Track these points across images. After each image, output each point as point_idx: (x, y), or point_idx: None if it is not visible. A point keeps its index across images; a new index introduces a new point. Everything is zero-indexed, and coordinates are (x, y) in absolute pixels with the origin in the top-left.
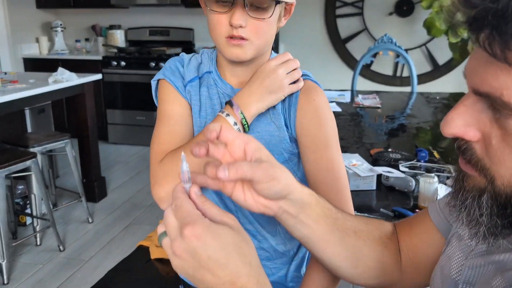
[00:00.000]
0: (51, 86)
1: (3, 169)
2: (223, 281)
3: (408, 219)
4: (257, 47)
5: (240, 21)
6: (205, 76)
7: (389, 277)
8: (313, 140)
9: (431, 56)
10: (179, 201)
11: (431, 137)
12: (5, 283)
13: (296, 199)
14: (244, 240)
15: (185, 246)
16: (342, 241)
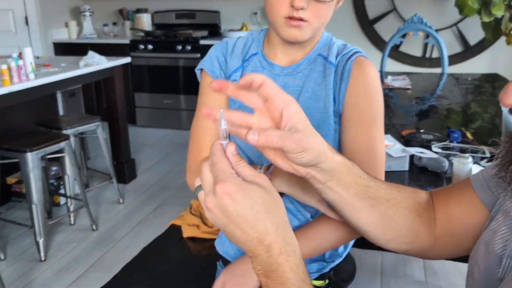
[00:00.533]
0: (82, 70)
1: (39, 151)
2: (251, 237)
3: (446, 188)
4: (315, 29)
5: (303, 3)
6: (251, 58)
7: (421, 244)
8: (359, 114)
9: (462, 37)
10: (215, 158)
11: (463, 118)
12: (42, 260)
13: (326, 167)
14: (274, 200)
15: (216, 202)
16: (372, 208)
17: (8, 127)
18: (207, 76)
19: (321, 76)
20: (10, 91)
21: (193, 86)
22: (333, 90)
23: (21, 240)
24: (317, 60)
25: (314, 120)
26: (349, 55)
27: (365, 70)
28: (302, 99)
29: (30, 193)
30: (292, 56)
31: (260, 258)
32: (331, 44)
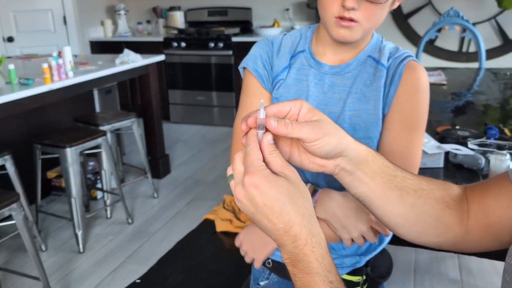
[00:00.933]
0: (119, 67)
1: (77, 146)
2: (277, 227)
3: (483, 182)
4: (366, 30)
5: (354, 4)
6: (298, 56)
7: (451, 237)
8: (403, 118)
9: (501, 30)
10: (249, 149)
11: (501, 114)
12: (81, 251)
13: (353, 155)
14: (300, 192)
15: (244, 193)
16: (400, 199)
17: (48, 123)
18: (250, 75)
19: (371, 78)
20: (50, 88)
21: (225, 83)
22: (383, 92)
23: (61, 232)
24: (367, 62)
25: (362, 121)
26: (401, 58)
27: (416, 75)
28: (350, 100)
29: (69, 187)
30: (341, 56)
31: (287, 248)
32: (382, 46)
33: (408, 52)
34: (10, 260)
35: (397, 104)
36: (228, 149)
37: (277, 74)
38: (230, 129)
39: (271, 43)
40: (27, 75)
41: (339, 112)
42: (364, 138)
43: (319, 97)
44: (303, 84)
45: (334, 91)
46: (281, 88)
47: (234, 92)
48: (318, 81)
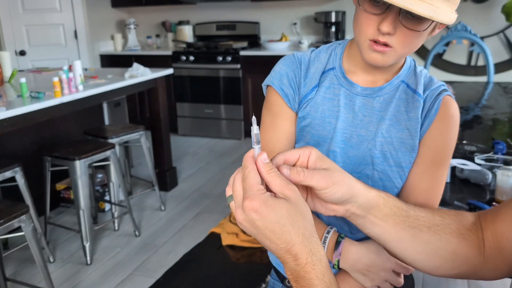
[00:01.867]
0: (128, 81)
1: (86, 159)
2: (279, 247)
3: (494, 208)
4: (400, 56)
5: (390, 29)
6: (327, 73)
7: (471, 267)
8: (432, 154)
9: (509, 44)
10: (247, 172)
11: (510, 129)
12: (88, 263)
13: (362, 201)
14: (299, 212)
15: (245, 217)
16: (414, 237)
17: (58, 136)
18: (275, 93)
19: (404, 105)
20: (61, 102)
21: (233, 96)
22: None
23: (69, 243)
24: (400, 87)
25: (393, 149)
26: (437, 92)
27: (451, 112)
28: (383, 126)
29: (78, 199)
30: (374, 76)
31: (289, 265)
32: (417, 72)
33: (443, 84)
34: (19, 271)
35: (428, 139)
36: (235, 162)
37: (306, 94)
38: (238, 142)
39: (299, 62)
40: (38, 88)
41: (370, 137)
42: (395, 166)
43: (349, 118)
44: (334, 104)
45: (364, 114)
46: (309, 107)
47: (242, 105)
48: (349, 102)
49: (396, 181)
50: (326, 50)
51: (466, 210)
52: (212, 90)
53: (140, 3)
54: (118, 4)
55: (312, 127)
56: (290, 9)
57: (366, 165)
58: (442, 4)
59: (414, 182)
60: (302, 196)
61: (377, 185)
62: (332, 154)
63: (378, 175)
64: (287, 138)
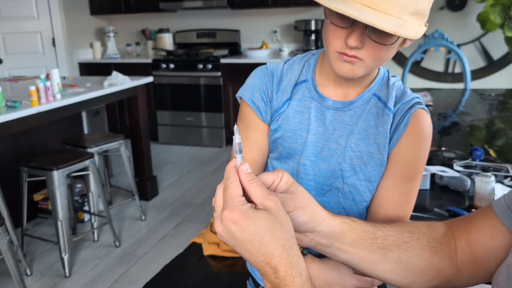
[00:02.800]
0: (107, 89)
1: (65, 169)
2: (258, 260)
3: (466, 216)
4: (369, 68)
5: (357, 44)
6: (299, 86)
7: (444, 278)
8: (401, 168)
9: (485, 51)
10: (228, 182)
11: (487, 135)
12: (67, 276)
13: (326, 231)
14: (280, 224)
15: (223, 228)
16: (385, 257)
17: (35, 146)
18: (247, 106)
19: (374, 118)
20: (38, 111)
21: (214, 103)
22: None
23: (47, 255)
24: (371, 100)
25: (363, 163)
26: (409, 106)
27: (421, 127)
28: (352, 140)
29: (56, 210)
30: (345, 90)
31: (269, 278)
32: (389, 84)
33: (417, 97)
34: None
35: (397, 153)
36: (217, 170)
37: (278, 108)
38: (219, 149)
39: (271, 75)
40: (15, 97)
41: (340, 150)
42: (364, 180)
43: (320, 131)
44: (304, 117)
45: (335, 127)
46: (281, 119)
47: (223, 113)
48: (320, 115)
49: (365, 195)
50: (299, 61)
51: (446, 216)
52: (193, 98)
53: (120, 11)
54: (97, 11)
55: (284, 139)
56: (270, 17)
57: (336, 178)
58: (411, 18)
59: (383, 196)
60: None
61: (347, 198)
62: (302, 167)
63: (348, 188)
64: (259, 149)
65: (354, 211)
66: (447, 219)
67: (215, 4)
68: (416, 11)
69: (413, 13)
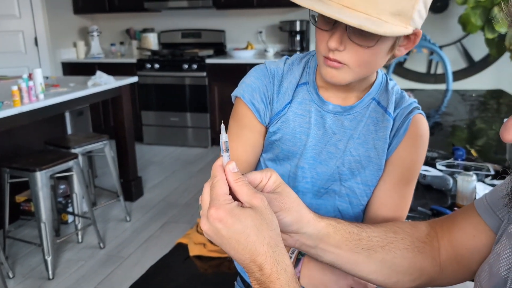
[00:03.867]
0: (91, 89)
1: (48, 170)
2: (244, 257)
3: (449, 216)
4: (356, 74)
5: (336, 45)
6: (300, 88)
7: (428, 277)
8: (400, 173)
9: (466, 53)
10: (215, 181)
11: (468, 135)
12: (50, 278)
13: (311, 232)
14: (265, 222)
15: (209, 226)
16: (369, 258)
17: (17, 146)
18: (245, 106)
19: (374, 124)
20: (20, 111)
21: (199, 104)
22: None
23: (30, 258)
24: (371, 105)
25: (361, 167)
26: (408, 111)
27: (420, 132)
28: (351, 144)
29: (39, 211)
30: (345, 93)
31: (255, 275)
32: (389, 89)
33: (414, 101)
34: None
35: (396, 158)
36: (202, 171)
37: (279, 111)
38: (205, 150)
39: (272, 76)
40: None
41: (338, 155)
42: (362, 184)
43: (319, 135)
44: (305, 120)
45: (334, 132)
46: (280, 122)
47: (209, 113)
48: (320, 119)
49: (362, 198)
50: (299, 62)
51: (429, 215)
52: (178, 98)
53: (104, 10)
54: (80, 11)
55: (282, 142)
56: (255, 18)
57: (334, 181)
58: (392, 19)
59: (382, 199)
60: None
61: (343, 200)
62: (300, 170)
63: (345, 191)
64: (253, 151)
65: (350, 214)
66: (430, 217)
67: (200, 4)
68: (397, 12)
69: (394, 14)
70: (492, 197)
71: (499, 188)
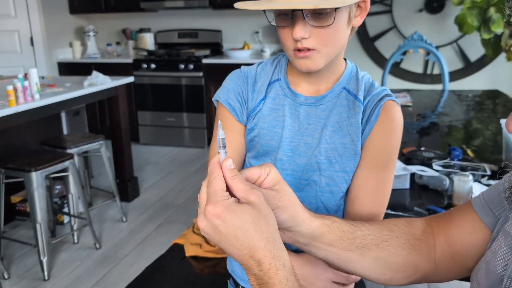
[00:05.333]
0: (87, 89)
1: (43, 170)
2: (242, 253)
3: (446, 213)
4: (326, 55)
5: (301, 34)
6: (273, 85)
7: (422, 273)
8: (375, 157)
9: (462, 53)
10: (212, 177)
11: (464, 135)
12: (46, 279)
13: (305, 231)
14: (263, 217)
15: (207, 223)
16: (363, 256)
17: (13, 146)
18: (223, 108)
19: (346, 111)
20: (16, 111)
21: (196, 104)
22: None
23: (25, 259)
24: (342, 94)
25: (338, 154)
26: (378, 98)
27: (391, 116)
28: (326, 132)
29: (34, 212)
30: (316, 86)
31: (253, 271)
32: (359, 78)
33: (385, 89)
34: None
35: (370, 144)
36: (198, 171)
37: (254, 107)
38: (201, 150)
39: (246, 77)
40: None
41: (315, 144)
42: (340, 171)
43: (294, 127)
44: (279, 114)
45: (309, 122)
46: (256, 118)
47: (205, 113)
48: (294, 111)
49: (341, 186)
50: (272, 62)
51: (426, 215)
52: (174, 98)
53: (100, 10)
54: (76, 10)
55: (260, 137)
56: (252, 18)
57: (314, 172)
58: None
59: (359, 185)
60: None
61: (324, 191)
62: (280, 163)
63: (325, 180)
64: (236, 150)
65: (332, 203)
66: None
67: (197, 4)
68: None
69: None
70: (489, 195)
71: (496, 186)
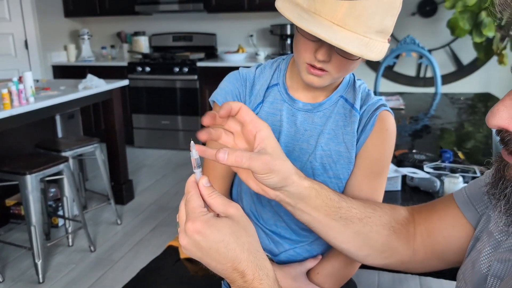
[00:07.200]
0: (82, 93)
1: (38, 173)
2: (226, 266)
3: (428, 204)
4: (334, 79)
5: (325, 57)
6: (271, 89)
7: (399, 258)
8: (369, 165)
9: (455, 56)
10: (189, 196)
11: (456, 138)
12: (40, 282)
13: (294, 191)
14: (243, 229)
15: (188, 240)
16: (345, 227)
17: (7, 149)
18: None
19: (343, 119)
20: (10, 114)
21: (190, 107)
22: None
23: (20, 262)
24: (339, 102)
25: (332, 161)
26: (374, 108)
27: (385, 126)
28: (322, 139)
29: (29, 215)
30: (314, 93)
31: (237, 284)
32: (356, 87)
33: (380, 99)
34: None
35: (365, 151)
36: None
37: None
38: None
39: (244, 80)
40: None
41: (310, 150)
42: (334, 177)
43: (291, 132)
44: (276, 118)
45: (305, 128)
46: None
47: (200, 116)
48: (291, 117)
49: None
50: (270, 66)
51: None
52: (169, 101)
53: (95, 13)
54: (71, 14)
55: None
56: (246, 21)
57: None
58: (376, 36)
59: (353, 192)
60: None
61: None
62: None
63: None
64: None
65: None
66: None
67: (191, 8)
68: (381, 30)
69: (378, 32)
70: (471, 190)
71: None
